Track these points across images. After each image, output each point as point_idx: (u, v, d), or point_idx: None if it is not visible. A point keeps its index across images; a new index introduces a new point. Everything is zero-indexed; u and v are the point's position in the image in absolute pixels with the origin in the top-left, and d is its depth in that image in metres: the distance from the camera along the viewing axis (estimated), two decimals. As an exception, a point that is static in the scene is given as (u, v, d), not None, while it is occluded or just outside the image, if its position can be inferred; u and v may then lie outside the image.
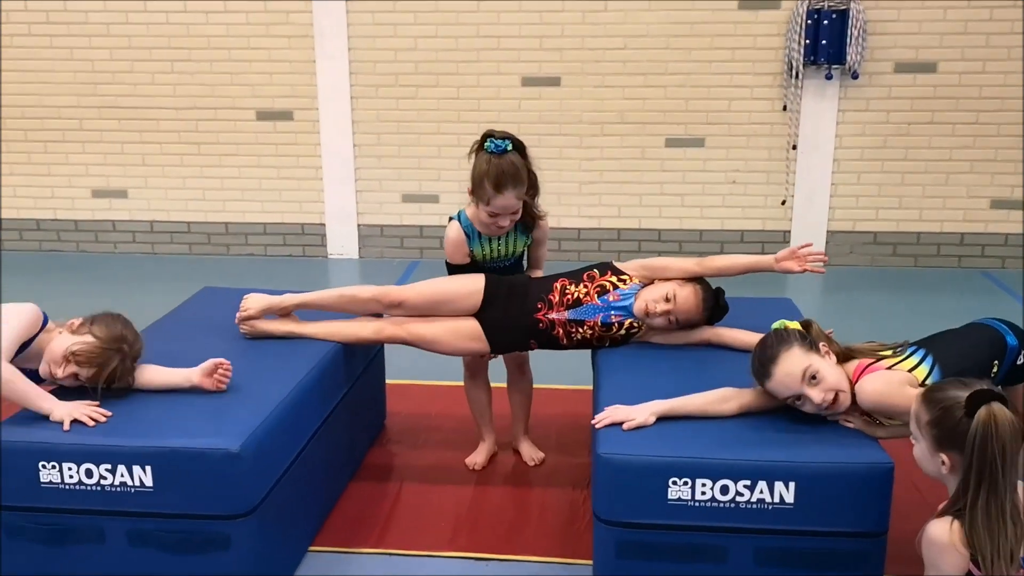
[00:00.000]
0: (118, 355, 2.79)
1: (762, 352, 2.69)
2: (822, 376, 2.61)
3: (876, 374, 2.64)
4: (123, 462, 2.58)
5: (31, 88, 6.49)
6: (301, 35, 6.25)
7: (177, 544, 2.64)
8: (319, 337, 3.33)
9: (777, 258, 3.24)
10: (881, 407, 2.61)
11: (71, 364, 2.77)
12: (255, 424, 2.69)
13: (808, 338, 2.69)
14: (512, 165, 3.17)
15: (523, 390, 3.73)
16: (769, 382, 2.66)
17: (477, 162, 3.21)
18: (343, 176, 6.48)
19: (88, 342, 2.79)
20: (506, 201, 3.18)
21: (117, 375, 2.79)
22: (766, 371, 2.65)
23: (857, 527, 2.52)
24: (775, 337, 2.71)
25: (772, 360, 2.64)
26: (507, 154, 3.18)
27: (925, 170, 6.20)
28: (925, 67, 6.01)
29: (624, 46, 6.13)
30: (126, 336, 2.85)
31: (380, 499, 3.42)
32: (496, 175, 3.14)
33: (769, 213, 6.31)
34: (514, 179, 3.17)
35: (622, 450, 2.57)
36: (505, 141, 3.18)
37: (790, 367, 2.62)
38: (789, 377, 2.62)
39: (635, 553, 2.59)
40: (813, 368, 2.61)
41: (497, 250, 3.40)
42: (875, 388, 2.60)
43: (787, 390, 2.64)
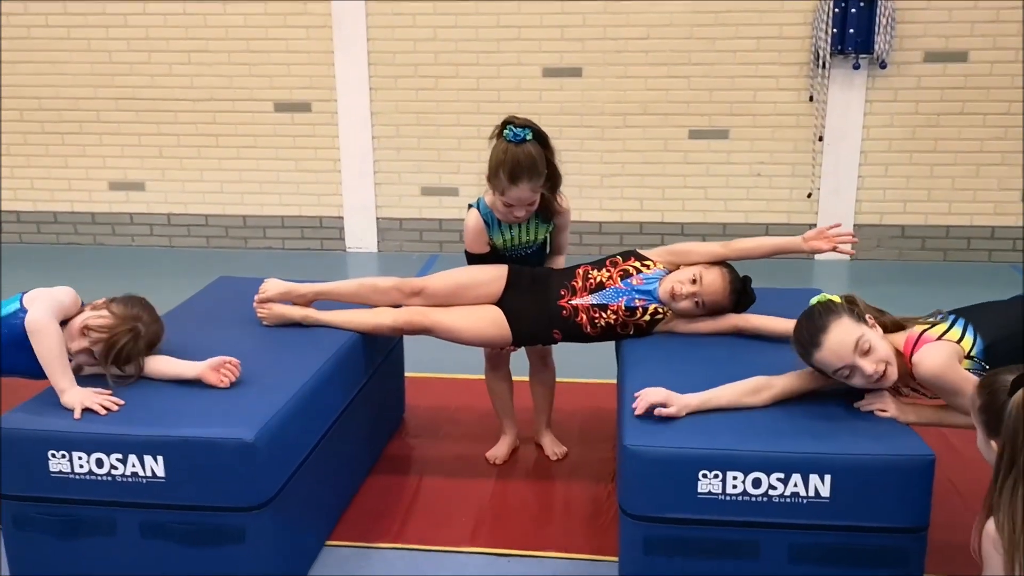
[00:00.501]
0: (130, 333, 2.75)
1: (810, 322, 2.58)
2: (874, 347, 2.51)
3: (934, 346, 2.54)
4: (135, 452, 2.51)
5: (48, 80, 6.45)
6: (319, 25, 6.17)
7: (190, 536, 2.57)
8: (337, 325, 3.25)
9: (805, 238, 3.17)
10: (940, 382, 2.51)
11: (84, 338, 2.75)
12: (270, 414, 2.61)
13: (855, 309, 2.59)
14: (529, 156, 3.05)
15: (545, 382, 3.64)
16: (818, 352, 2.53)
17: (495, 149, 3.10)
18: (362, 169, 6.40)
19: (103, 316, 2.78)
20: (520, 193, 3.07)
21: (127, 353, 2.75)
22: (815, 341, 2.53)
23: (896, 522, 2.42)
24: (822, 308, 2.60)
25: (822, 329, 2.53)
26: (525, 144, 3.06)
27: (955, 162, 6.06)
28: (955, 56, 5.87)
29: (647, 36, 6.02)
30: (142, 316, 2.83)
31: (399, 493, 3.33)
32: (512, 166, 3.03)
33: (794, 207, 6.20)
34: (530, 171, 3.05)
35: (650, 442, 2.48)
36: (525, 130, 3.07)
37: (842, 336, 2.51)
38: (842, 346, 2.51)
39: (663, 549, 2.49)
40: (866, 339, 2.51)
41: (518, 238, 3.30)
42: (936, 362, 2.51)
43: (839, 361, 2.52)
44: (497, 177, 3.06)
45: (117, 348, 2.73)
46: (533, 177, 3.06)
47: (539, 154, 3.07)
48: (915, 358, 2.54)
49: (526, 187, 3.06)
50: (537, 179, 3.08)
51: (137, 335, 2.77)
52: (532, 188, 3.08)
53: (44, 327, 2.68)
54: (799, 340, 2.60)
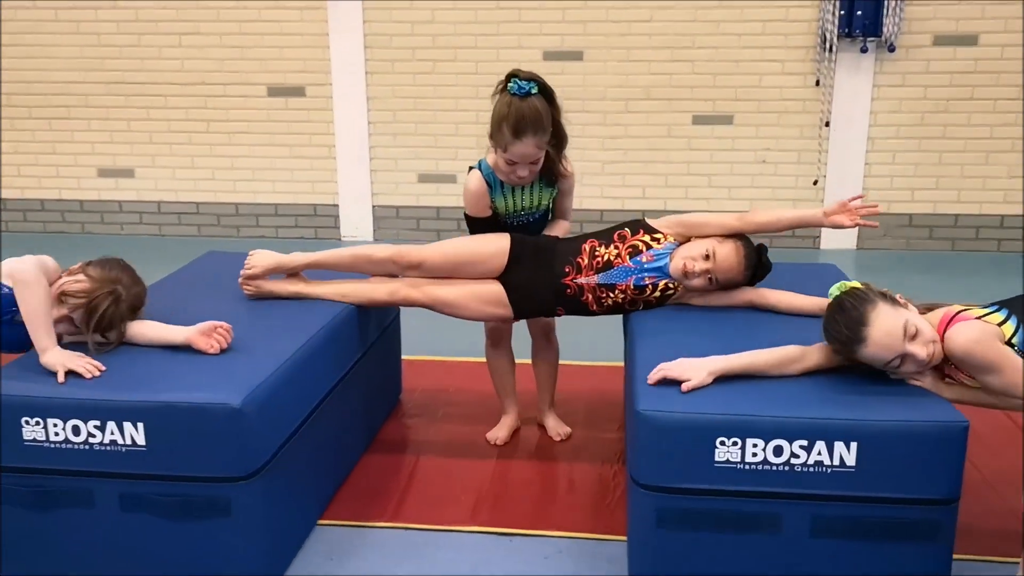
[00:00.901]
0: (110, 297, 2.59)
1: (844, 315, 2.35)
2: (920, 329, 2.34)
3: (968, 323, 2.36)
4: (114, 418, 2.35)
5: (36, 63, 6.29)
6: (314, 7, 6.03)
7: (173, 509, 2.41)
8: (329, 298, 3.09)
9: (826, 212, 2.96)
10: (971, 359, 2.32)
11: (62, 305, 2.59)
12: (259, 380, 2.46)
13: (885, 293, 2.42)
14: (535, 110, 2.90)
15: (549, 360, 3.48)
16: (865, 348, 2.32)
17: (498, 104, 2.95)
18: (357, 155, 6.25)
19: (80, 281, 2.63)
20: (525, 149, 2.91)
21: (108, 318, 2.59)
22: (859, 336, 2.32)
23: (926, 493, 2.26)
24: (852, 298, 2.38)
25: (862, 322, 2.32)
26: (530, 97, 2.90)
27: (964, 148, 5.92)
28: (966, 40, 5.74)
29: (650, 18, 5.88)
30: (121, 279, 2.67)
31: (395, 472, 3.17)
32: (516, 119, 2.87)
33: (800, 194, 6.05)
34: (535, 125, 2.89)
35: (664, 407, 2.32)
36: (530, 83, 2.91)
37: (889, 326, 2.31)
38: (890, 337, 2.30)
39: (677, 522, 2.33)
40: (911, 322, 2.33)
41: (521, 202, 3.15)
42: (969, 337, 2.32)
43: (889, 353, 2.32)
44: (500, 132, 2.91)
45: (98, 313, 2.57)
46: (538, 132, 2.91)
47: (544, 109, 2.92)
48: (947, 334, 2.36)
49: (531, 142, 2.91)
50: (542, 135, 2.93)
51: (118, 298, 2.61)
52: (537, 144, 2.92)
53: (32, 279, 2.53)
54: (837, 337, 2.38)
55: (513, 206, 3.14)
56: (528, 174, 3.00)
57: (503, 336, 3.43)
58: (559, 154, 3.05)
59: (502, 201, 3.13)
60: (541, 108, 2.91)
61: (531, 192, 3.14)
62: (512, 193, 3.12)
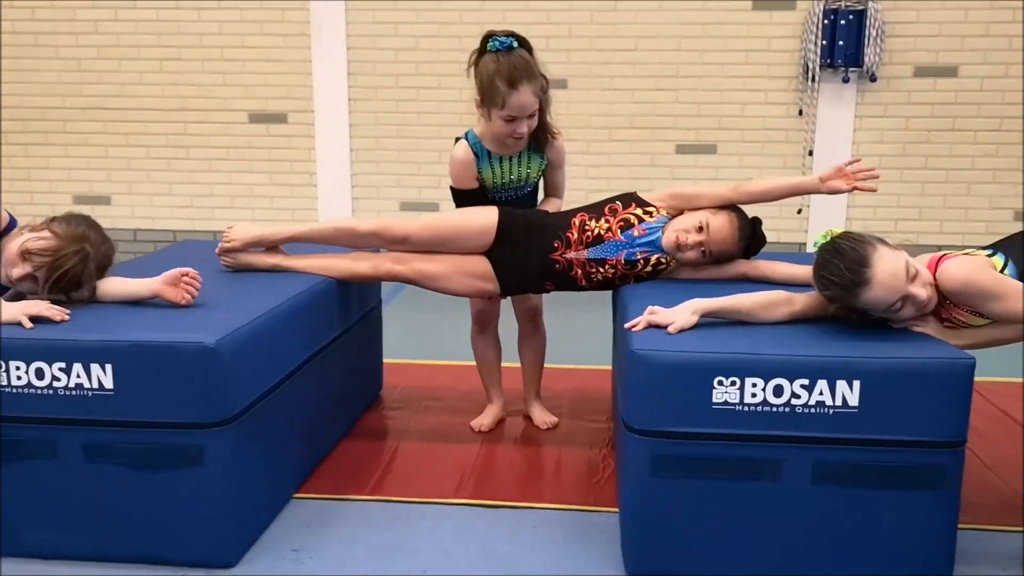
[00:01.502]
0: (78, 255, 2.44)
1: (844, 258, 2.25)
2: (920, 270, 2.27)
3: (958, 258, 2.32)
4: (80, 360, 2.24)
5: (13, 88, 6.22)
6: (297, 33, 6.02)
7: (141, 458, 2.28)
8: (309, 271, 3.00)
9: (823, 178, 2.90)
10: (970, 288, 2.26)
11: (26, 263, 2.43)
12: (236, 325, 2.35)
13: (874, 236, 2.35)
14: (523, 59, 2.87)
15: (535, 347, 3.38)
16: (868, 291, 2.22)
17: (482, 66, 2.91)
18: (339, 182, 6.18)
19: (45, 238, 2.46)
20: (523, 98, 2.86)
21: (75, 277, 2.45)
22: (861, 279, 2.22)
23: (932, 435, 2.17)
24: (848, 241, 2.29)
25: (864, 264, 2.22)
26: (514, 50, 2.88)
27: (946, 179, 5.93)
28: (946, 71, 5.79)
29: (634, 47, 5.91)
30: (89, 236, 2.52)
31: (376, 455, 3.05)
32: (508, 70, 2.84)
33: (784, 224, 6.01)
34: (528, 73, 2.86)
35: (660, 345, 2.23)
36: (509, 38, 2.89)
37: (893, 266, 2.22)
38: (895, 278, 2.22)
39: (672, 468, 2.22)
40: (912, 263, 2.26)
41: (509, 173, 3.08)
42: (960, 270, 2.27)
43: (894, 294, 2.23)
44: (493, 89, 2.85)
45: (63, 271, 2.42)
46: (532, 78, 2.86)
47: (530, 60, 2.89)
48: (939, 271, 2.31)
49: (527, 90, 2.85)
50: (536, 81, 2.88)
51: (86, 257, 2.47)
52: (533, 91, 2.87)
53: None
54: (837, 283, 2.27)
55: (501, 177, 3.07)
56: (527, 130, 2.94)
57: (489, 320, 3.33)
58: (544, 112, 3.00)
59: (489, 172, 3.06)
60: (529, 59, 2.89)
61: (520, 161, 3.08)
62: (500, 163, 3.05)
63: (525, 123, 2.92)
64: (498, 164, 3.05)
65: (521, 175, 3.10)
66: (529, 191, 3.18)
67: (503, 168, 3.06)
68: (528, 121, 2.92)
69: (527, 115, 2.90)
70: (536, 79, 2.88)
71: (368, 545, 2.45)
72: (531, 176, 3.13)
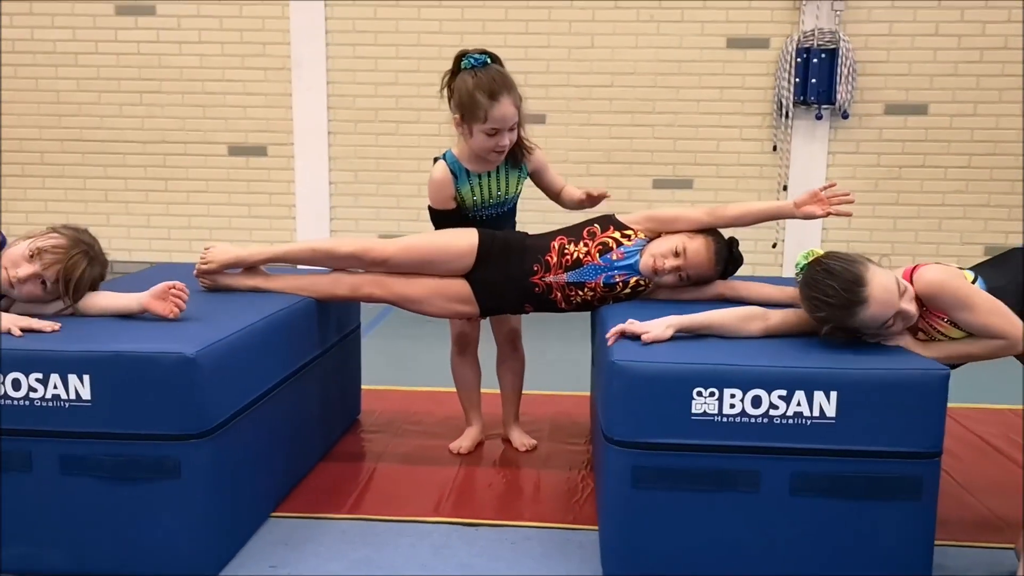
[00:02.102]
0: (86, 258, 2.49)
1: (837, 279, 2.26)
2: (905, 285, 2.32)
3: (931, 266, 2.37)
4: (58, 370, 2.23)
5: (-8, 120, 6.24)
6: (278, 67, 6.06)
7: (118, 470, 2.26)
8: (289, 291, 3.00)
9: (797, 203, 2.94)
10: (944, 294, 2.31)
11: (35, 262, 2.44)
12: (216, 337, 2.35)
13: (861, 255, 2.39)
14: (500, 73, 2.93)
15: (514, 370, 3.38)
16: (866, 308, 2.24)
17: (459, 83, 2.94)
18: (318, 214, 6.20)
19: (55, 238, 2.50)
20: (505, 109, 2.89)
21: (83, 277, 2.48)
22: (858, 296, 2.23)
23: (908, 446, 2.19)
24: (839, 261, 2.32)
25: (860, 282, 2.24)
26: (490, 65, 2.93)
27: (918, 215, 6.02)
28: (916, 109, 5.91)
29: (611, 84, 6.00)
30: (93, 245, 2.58)
31: (354, 476, 3.03)
32: (488, 83, 2.87)
33: (760, 258, 6.08)
34: (506, 84, 2.90)
35: (640, 357, 2.24)
36: (483, 55, 2.94)
37: (887, 284, 2.26)
38: (890, 294, 2.25)
39: (652, 480, 2.23)
40: (899, 279, 2.31)
41: (490, 190, 3.10)
42: (933, 275, 2.33)
43: (890, 309, 2.26)
44: (474, 103, 2.88)
45: (75, 274, 2.46)
46: (512, 90, 2.91)
47: (506, 72, 2.96)
48: (915, 277, 2.37)
49: (508, 101, 2.89)
50: (515, 93, 2.93)
51: (92, 259, 2.53)
52: (514, 102, 2.92)
53: None
54: (832, 303, 2.27)
55: (481, 196, 3.10)
56: (508, 143, 2.96)
57: (469, 343, 3.33)
58: (523, 122, 3.03)
59: (468, 190, 3.09)
60: (504, 71, 2.95)
61: (498, 177, 3.10)
62: (480, 180, 3.08)
63: (507, 136, 2.95)
64: (477, 182, 3.08)
65: (502, 189, 3.12)
66: (509, 208, 3.21)
67: (482, 185, 3.08)
68: (509, 134, 2.95)
69: (509, 127, 2.93)
70: (515, 91, 2.93)
71: (346, 561, 2.43)
72: (510, 192, 3.15)
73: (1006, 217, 5.98)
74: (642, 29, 5.93)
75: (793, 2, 5.82)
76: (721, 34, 5.90)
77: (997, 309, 2.28)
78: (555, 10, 5.93)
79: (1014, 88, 5.82)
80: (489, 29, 5.83)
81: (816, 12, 5.75)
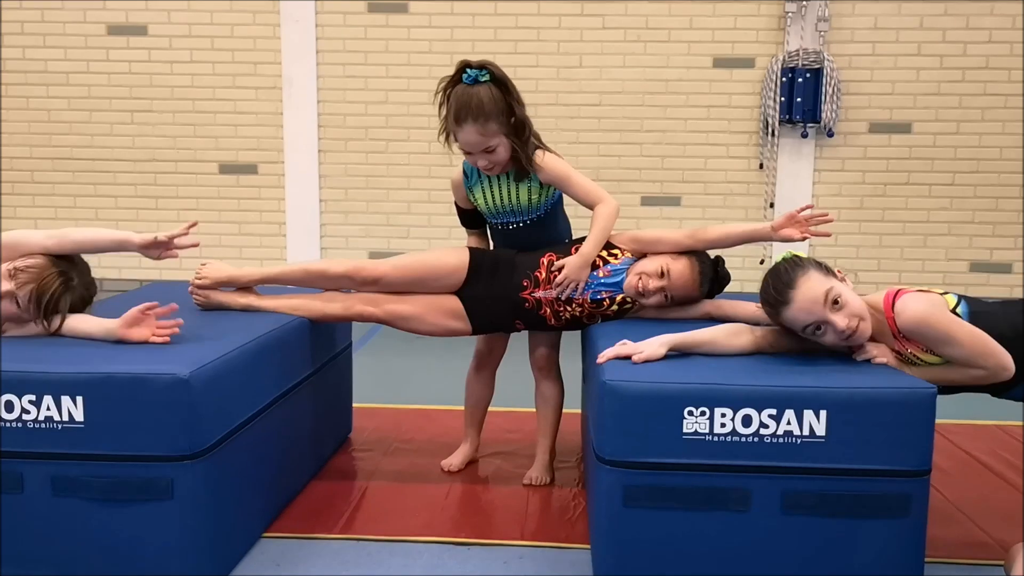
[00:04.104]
0: (61, 279, 2.52)
1: (776, 279, 2.44)
2: (845, 300, 2.36)
3: (914, 294, 2.40)
4: (51, 392, 2.23)
5: (-19, 138, 6.25)
6: (269, 87, 6.10)
7: (110, 491, 2.26)
8: (282, 311, 3.01)
9: (775, 226, 2.94)
10: (926, 330, 2.34)
11: (12, 280, 2.48)
12: (209, 357, 2.36)
13: (823, 264, 2.45)
14: (477, 97, 2.81)
15: (545, 398, 3.24)
16: (787, 310, 2.38)
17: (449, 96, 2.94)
18: (308, 232, 6.22)
19: (34, 259, 2.55)
20: (466, 136, 2.85)
21: (56, 300, 2.50)
22: (784, 297, 2.39)
23: (897, 464, 2.21)
24: (788, 264, 2.46)
25: (790, 285, 2.39)
26: (478, 85, 2.83)
27: (903, 232, 6.08)
28: (900, 127, 5.97)
29: (599, 103, 6.05)
30: (77, 266, 2.62)
31: (345, 494, 3.03)
32: (457, 107, 2.82)
33: (747, 275, 6.07)
34: (475, 112, 2.80)
35: (630, 376, 2.26)
36: (482, 71, 2.84)
37: (811, 291, 2.36)
38: (811, 302, 2.35)
39: (645, 499, 2.24)
40: (836, 291, 2.36)
41: (499, 197, 3.06)
42: (918, 308, 2.35)
43: (809, 316, 2.36)
44: (447, 122, 2.89)
45: (47, 295, 2.48)
46: (479, 119, 2.81)
47: (493, 97, 2.83)
48: (897, 307, 2.41)
49: (471, 130, 2.83)
50: (485, 122, 2.83)
51: (68, 282, 2.55)
52: (480, 132, 2.84)
53: None
54: (767, 299, 2.47)
55: (493, 199, 3.07)
56: (487, 164, 2.94)
57: (488, 362, 3.32)
58: (522, 145, 2.94)
59: (481, 194, 3.08)
60: (487, 95, 2.83)
61: (505, 186, 3.05)
62: (490, 183, 3.06)
63: (481, 158, 2.91)
64: (488, 185, 3.07)
65: (511, 199, 3.06)
66: (535, 220, 3.10)
67: (492, 189, 3.07)
68: (488, 156, 2.91)
69: (479, 151, 2.90)
70: (485, 119, 2.82)
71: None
72: (525, 203, 3.06)
73: (991, 233, 6.05)
74: (629, 49, 5.99)
75: (778, 22, 5.89)
76: (707, 54, 5.97)
77: (980, 342, 2.31)
78: (544, 31, 6.00)
79: (996, 107, 5.90)
80: (479, 49, 5.88)
81: (800, 33, 5.82)
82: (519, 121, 2.91)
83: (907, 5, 5.85)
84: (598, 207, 3.05)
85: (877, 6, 5.87)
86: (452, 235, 4.74)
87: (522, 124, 2.93)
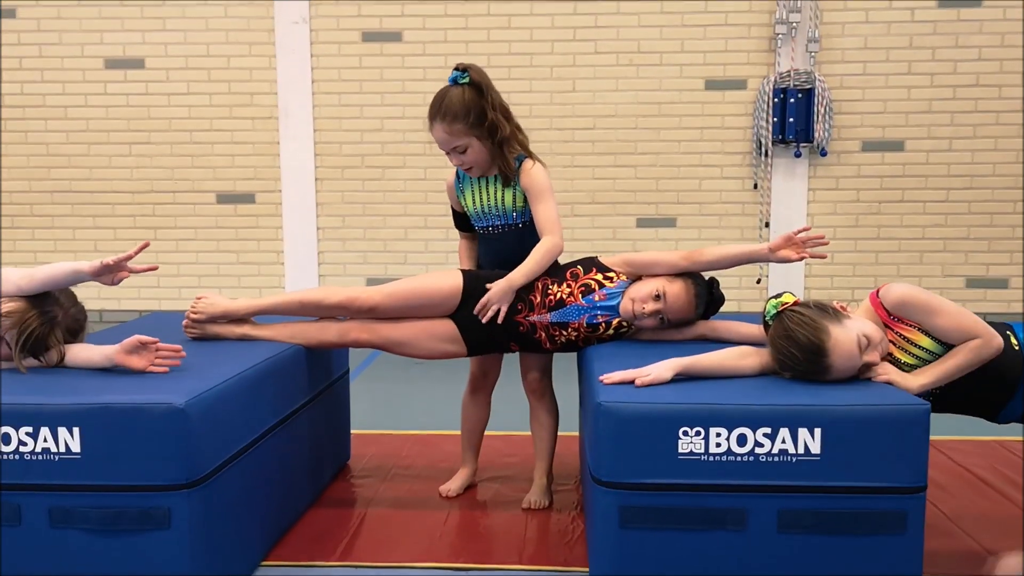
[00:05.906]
0: (42, 317, 2.52)
1: (800, 347, 2.38)
2: (870, 336, 2.41)
3: (894, 283, 2.54)
4: (47, 423, 2.24)
5: (-20, 173, 6.29)
6: (265, 116, 6.14)
7: (107, 522, 2.27)
8: (278, 340, 3.03)
9: (772, 247, 2.95)
10: (912, 301, 2.46)
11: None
12: (205, 387, 2.37)
13: (822, 306, 2.46)
14: (449, 97, 2.93)
15: (540, 421, 3.27)
16: (828, 374, 2.38)
17: None
18: (306, 260, 6.24)
19: (14, 304, 2.53)
20: (435, 134, 2.97)
21: (43, 340, 2.51)
22: (822, 365, 2.37)
23: (892, 480, 2.22)
24: (801, 328, 2.39)
25: (821, 352, 2.36)
26: (456, 86, 2.95)
27: (899, 249, 6.10)
28: (892, 145, 6.01)
29: (593, 126, 6.09)
30: (59, 300, 2.60)
31: (344, 521, 3.03)
32: (431, 104, 2.97)
33: (744, 294, 6.14)
34: (444, 111, 2.92)
35: (626, 397, 2.28)
36: (463, 73, 2.96)
37: (845, 349, 2.37)
38: (850, 360, 2.38)
39: (641, 519, 2.25)
40: (862, 335, 2.39)
41: (484, 199, 3.11)
42: (900, 287, 2.50)
43: (852, 370, 2.40)
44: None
45: (28, 333, 2.49)
46: (447, 119, 2.92)
47: (465, 98, 2.91)
48: (881, 293, 2.54)
49: (439, 128, 2.95)
50: (452, 122, 2.92)
51: (52, 320, 2.54)
52: (446, 130, 2.94)
53: None
54: (796, 368, 2.41)
55: (479, 201, 3.13)
56: (459, 163, 3.04)
57: (483, 386, 3.33)
58: (500, 149, 2.99)
59: (469, 196, 3.15)
60: (459, 96, 2.92)
61: (488, 188, 3.10)
62: (474, 185, 3.12)
63: (453, 156, 3.02)
64: (476, 187, 3.13)
65: (495, 201, 3.10)
66: (517, 227, 3.12)
67: (476, 191, 3.13)
68: (459, 156, 3.00)
69: (450, 149, 2.99)
70: (454, 119, 2.91)
71: (338, 608, 2.45)
72: (508, 206, 3.09)
73: (986, 249, 6.07)
74: (622, 72, 6.04)
75: (768, 44, 5.94)
76: (699, 76, 6.02)
77: (963, 311, 2.45)
78: (537, 56, 6.04)
79: (988, 123, 5.94)
80: (472, 75, 5.92)
81: (791, 54, 5.86)
82: (491, 124, 2.94)
83: (896, 25, 5.90)
84: (545, 238, 3.05)
85: (867, 26, 5.92)
86: (449, 260, 4.77)
87: (495, 127, 2.95)
